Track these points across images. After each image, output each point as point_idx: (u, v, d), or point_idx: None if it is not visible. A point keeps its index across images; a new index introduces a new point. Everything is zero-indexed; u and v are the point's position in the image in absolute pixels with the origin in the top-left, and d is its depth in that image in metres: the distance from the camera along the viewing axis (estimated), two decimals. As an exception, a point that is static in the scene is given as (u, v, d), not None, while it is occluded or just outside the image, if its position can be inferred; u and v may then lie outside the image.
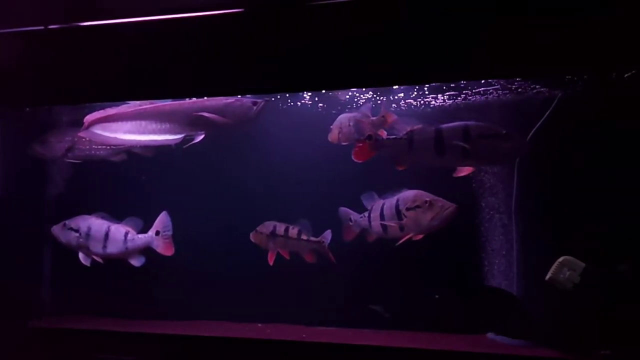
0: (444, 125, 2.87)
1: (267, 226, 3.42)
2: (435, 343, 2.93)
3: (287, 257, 3.37)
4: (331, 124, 3.31)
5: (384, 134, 3.21)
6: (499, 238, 3.23)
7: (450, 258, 3.23)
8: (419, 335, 3.12)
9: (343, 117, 3.31)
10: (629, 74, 2.67)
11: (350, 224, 3.31)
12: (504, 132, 2.78)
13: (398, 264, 3.27)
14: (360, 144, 3.03)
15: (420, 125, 2.93)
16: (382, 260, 3.29)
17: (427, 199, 2.96)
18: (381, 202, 3.16)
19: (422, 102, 3.37)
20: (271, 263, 3.36)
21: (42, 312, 3.66)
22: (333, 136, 3.30)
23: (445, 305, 3.13)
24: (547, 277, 2.65)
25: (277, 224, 3.41)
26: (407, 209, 3.00)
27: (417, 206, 2.98)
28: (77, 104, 3.30)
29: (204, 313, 3.50)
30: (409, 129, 2.94)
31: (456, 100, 3.31)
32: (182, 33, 2.73)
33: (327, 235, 3.35)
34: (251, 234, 3.44)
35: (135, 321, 3.41)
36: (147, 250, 3.35)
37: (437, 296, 3.10)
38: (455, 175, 2.89)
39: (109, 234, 3.33)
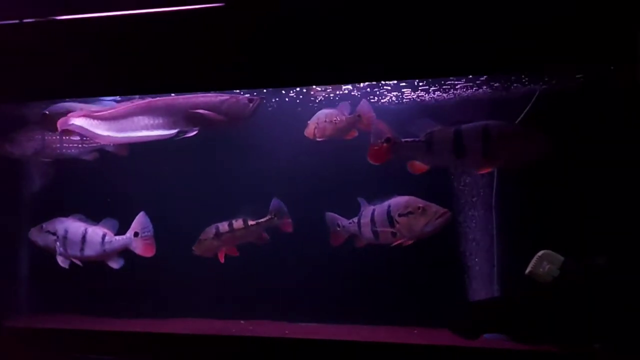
0: (464, 126, 2.81)
1: (208, 232, 3.34)
2: (419, 337, 2.97)
3: (237, 254, 3.33)
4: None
5: (355, 134, 3.25)
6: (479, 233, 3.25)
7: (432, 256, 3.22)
8: (402, 329, 3.12)
9: (321, 113, 3.32)
10: (611, 68, 2.70)
11: (338, 229, 3.28)
12: (527, 130, 2.76)
13: (383, 260, 3.26)
14: (377, 147, 2.96)
15: (439, 127, 2.87)
16: (367, 257, 3.27)
17: (420, 205, 2.94)
18: (371, 208, 3.14)
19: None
20: (222, 261, 3.32)
21: (18, 312, 3.59)
22: (309, 131, 3.31)
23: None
24: (527, 271, 2.67)
25: (218, 224, 3.34)
26: (400, 215, 2.98)
27: (410, 212, 2.96)
28: (53, 100, 3.24)
29: (186, 310, 3.48)
30: (428, 130, 2.88)
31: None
32: (161, 27, 2.70)
33: (274, 205, 3.30)
34: (194, 248, 3.35)
35: (115, 320, 3.36)
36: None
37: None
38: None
39: (85, 236, 3.28)
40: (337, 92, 3.30)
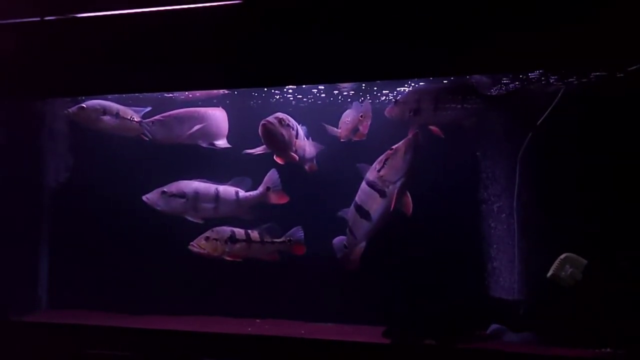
0: None
1: (221, 232, 3.27)
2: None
3: (240, 259, 3.30)
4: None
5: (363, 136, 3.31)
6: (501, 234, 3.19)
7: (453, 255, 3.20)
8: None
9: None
10: (633, 67, 2.62)
11: (346, 249, 3.20)
12: None
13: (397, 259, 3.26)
14: None
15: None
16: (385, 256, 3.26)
17: (390, 150, 2.97)
18: (352, 208, 3.10)
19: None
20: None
21: (35, 307, 3.63)
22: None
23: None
24: (549, 274, 2.61)
25: (234, 228, 3.30)
26: (379, 171, 2.97)
27: (386, 160, 2.96)
28: (74, 96, 3.29)
29: (202, 308, 3.48)
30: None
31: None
32: (179, 24, 2.70)
33: (297, 232, 3.31)
34: (195, 243, 3.22)
35: (131, 316, 3.39)
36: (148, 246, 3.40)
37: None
38: None
39: (218, 195, 3.35)
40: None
